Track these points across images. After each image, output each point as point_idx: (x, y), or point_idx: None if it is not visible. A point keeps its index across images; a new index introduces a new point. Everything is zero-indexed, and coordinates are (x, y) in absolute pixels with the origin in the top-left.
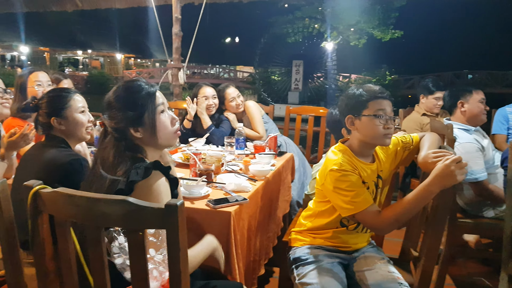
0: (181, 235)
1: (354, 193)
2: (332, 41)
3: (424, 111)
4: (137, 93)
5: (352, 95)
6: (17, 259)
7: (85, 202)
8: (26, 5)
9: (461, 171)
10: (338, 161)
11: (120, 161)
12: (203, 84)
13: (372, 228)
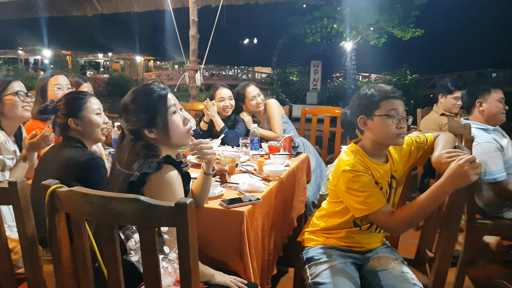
0: (191, 233)
1: (367, 194)
2: (351, 41)
3: (443, 111)
4: (149, 96)
5: (364, 96)
6: (36, 256)
7: (99, 200)
8: (48, 10)
9: (474, 171)
10: (350, 161)
11: (135, 160)
12: (219, 86)
13: (385, 229)
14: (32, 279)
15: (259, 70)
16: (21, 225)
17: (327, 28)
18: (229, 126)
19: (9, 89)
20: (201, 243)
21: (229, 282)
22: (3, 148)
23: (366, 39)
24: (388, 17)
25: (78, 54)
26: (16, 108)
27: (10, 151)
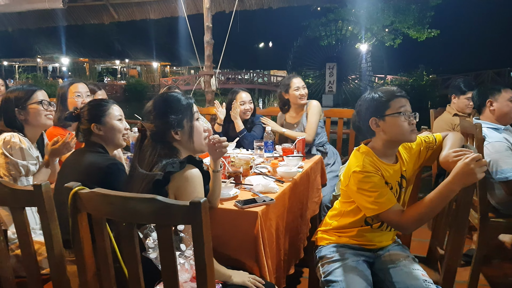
0: (205, 230)
1: (377, 194)
2: (367, 43)
3: (456, 111)
4: (179, 101)
5: (371, 99)
6: (60, 255)
7: (119, 201)
8: (66, 19)
9: (480, 169)
10: (360, 162)
11: (156, 161)
12: (239, 90)
13: (396, 227)
14: (56, 277)
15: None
16: (46, 226)
17: (342, 30)
18: (247, 129)
19: (34, 98)
20: (217, 243)
21: (248, 282)
22: (27, 154)
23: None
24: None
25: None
26: (39, 116)
27: (33, 157)
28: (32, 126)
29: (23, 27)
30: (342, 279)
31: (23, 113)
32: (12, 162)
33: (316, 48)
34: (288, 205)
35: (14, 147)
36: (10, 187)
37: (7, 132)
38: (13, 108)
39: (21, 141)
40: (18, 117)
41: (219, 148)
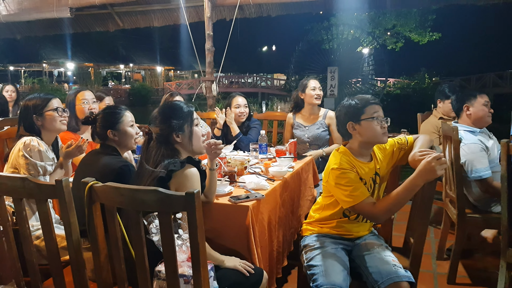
0: (198, 217)
1: (352, 188)
2: (369, 46)
3: (442, 115)
4: (181, 109)
5: (349, 105)
6: (77, 240)
7: (128, 192)
8: (72, 27)
9: (441, 166)
10: (338, 161)
11: (160, 160)
12: (236, 94)
13: (368, 217)
14: (74, 259)
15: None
16: (66, 215)
17: (344, 34)
18: (243, 133)
19: (50, 106)
20: (214, 234)
21: (238, 266)
22: (44, 156)
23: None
24: (405, 21)
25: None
26: (55, 122)
27: (50, 159)
28: (48, 130)
29: (31, 35)
30: (321, 263)
31: (40, 119)
32: (32, 163)
33: (317, 52)
34: (280, 201)
35: (33, 149)
36: (36, 182)
37: (27, 136)
38: (31, 115)
39: (39, 144)
40: (36, 123)
41: (215, 149)
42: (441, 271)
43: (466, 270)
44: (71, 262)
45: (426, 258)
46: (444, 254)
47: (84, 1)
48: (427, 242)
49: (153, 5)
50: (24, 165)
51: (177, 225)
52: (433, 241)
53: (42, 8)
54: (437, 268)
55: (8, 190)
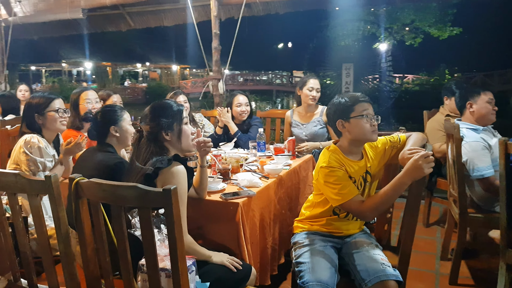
0: (175, 212)
1: (340, 186)
2: (386, 42)
3: (448, 112)
4: (171, 108)
5: (339, 103)
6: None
7: (110, 188)
8: (85, 27)
9: (428, 165)
10: (327, 159)
11: (149, 157)
12: (237, 92)
13: (356, 215)
14: (63, 252)
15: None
16: (55, 209)
17: (361, 30)
18: (244, 130)
19: (51, 106)
20: (205, 230)
21: (226, 262)
22: (44, 152)
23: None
24: (424, 16)
25: (117, 65)
26: (55, 122)
27: (50, 155)
28: (48, 129)
29: (47, 36)
30: (309, 260)
31: (41, 118)
32: (32, 159)
33: (332, 48)
34: (276, 198)
35: (33, 146)
36: (27, 178)
37: (28, 133)
38: (33, 113)
39: (39, 141)
40: (37, 121)
41: (204, 147)
42: (444, 272)
43: (470, 271)
44: (61, 255)
45: (430, 258)
46: (448, 254)
47: (96, 2)
48: (432, 242)
49: (163, 5)
50: (25, 161)
51: (159, 220)
52: (439, 241)
53: (56, 10)
54: (440, 268)
55: (2, 185)
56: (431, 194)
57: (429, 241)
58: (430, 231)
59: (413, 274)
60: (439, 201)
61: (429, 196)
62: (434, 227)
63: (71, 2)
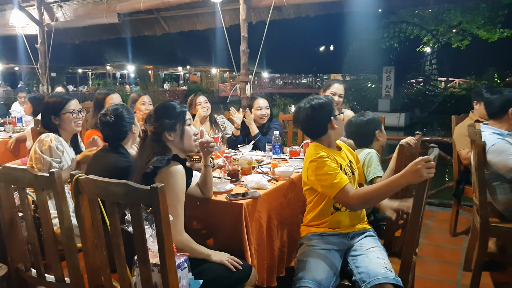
0: (162, 209)
1: (331, 176)
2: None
3: (478, 118)
4: (174, 109)
5: (324, 103)
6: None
7: (103, 184)
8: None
9: (427, 170)
10: (313, 152)
11: (152, 157)
12: (258, 96)
13: (344, 204)
14: (67, 244)
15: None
16: (58, 204)
17: (405, 32)
18: (264, 133)
19: (66, 108)
20: (210, 230)
21: (225, 261)
22: (54, 152)
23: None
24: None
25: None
26: (70, 123)
27: (59, 156)
28: (64, 130)
29: (87, 40)
30: (307, 259)
31: (57, 119)
32: (39, 157)
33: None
34: (285, 201)
35: (45, 144)
36: (33, 173)
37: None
38: (50, 115)
39: (51, 141)
40: (53, 122)
41: (207, 147)
42: (465, 283)
43: (493, 284)
44: (64, 248)
45: (453, 268)
46: (472, 265)
47: (130, 7)
48: (458, 252)
49: (196, 9)
50: (34, 159)
51: (151, 217)
52: (465, 251)
53: (94, 15)
54: (461, 279)
55: (12, 179)
56: (459, 202)
57: (454, 251)
58: (456, 241)
59: (432, 283)
60: (466, 209)
61: (456, 204)
62: (462, 237)
63: (108, 7)
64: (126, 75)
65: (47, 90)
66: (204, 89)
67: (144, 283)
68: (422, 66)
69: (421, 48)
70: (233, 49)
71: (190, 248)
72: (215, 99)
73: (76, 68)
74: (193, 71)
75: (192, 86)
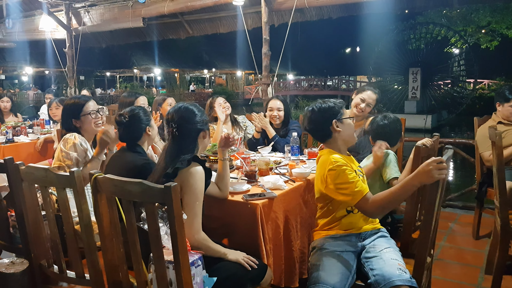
0: (175, 207)
1: (352, 184)
2: (459, 45)
3: (501, 119)
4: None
5: (328, 107)
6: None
7: (119, 183)
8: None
9: (439, 171)
10: (331, 160)
11: (178, 156)
12: (273, 97)
13: (364, 212)
14: (86, 241)
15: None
16: (78, 202)
17: (432, 33)
18: (282, 135)
19: (84, 110)
20: (226, 230)
21: (241, 260)
22: (78, 149)
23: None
24: (501, 18)
25: (185, 71)
26: (90, 124)
27: (83, 153)
28: (86, 131)
29: (114, 43)
30: (320, 263)
31: (78, 122)
32: (66, 154)
33: (398, 52)
34: (302, 202)
35: (69, 142)
36: (55, 172)
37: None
38: (70, 118)
39: (75, 138)
40: (74, 125)
41: (226, 141)
42: (486, 286)
43: None
44: (84, 244)
45: (474, 271)
46: (493, 268)
47: (155, 11)
48: (480, 255)
49: (219, 13)
50: (60, 157)
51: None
52: (487, 254)
53: (119, 19)
54: (482, 283)
55: (35, 178)
56: (482, 204)
57: (476, 254)
58: (479, 244)
59: (453, 286)
60: (489, 212)
61: (479, 207)
62: (485, 240)
63: (133, 11)
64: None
65: (75, 93)
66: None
67: (160, 280)
68: (450, 67)
69: (448, 49)
70: (255, 52)
71: (207, 246)
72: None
73: (104, 71)
74: (218, 73)
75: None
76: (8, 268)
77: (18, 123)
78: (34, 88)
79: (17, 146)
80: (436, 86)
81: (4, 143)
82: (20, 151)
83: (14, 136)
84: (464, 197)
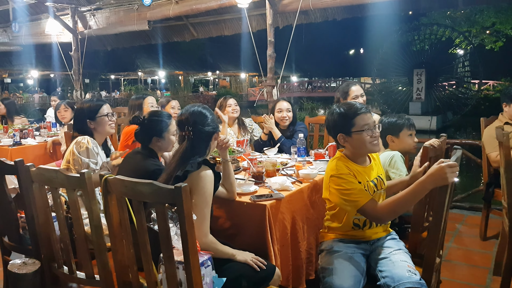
0: (186, 207)
1: (351, 193)
2: (464, 46)
3: (508, 120)
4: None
5: (338, 116)
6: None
7: (130, 184)
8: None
9: (452, 174)
10: (334, 167)
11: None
12: (280, 99)
13: (372, 219)
14: (96, 242)
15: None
16: (88, 203)
17: (437, 34)
18: (288, 136)
19: (101, 112)
20: (234, 230)
21: (249, 261)
22: (91, 153)
23: (480, 44)
24: (506, 18)
25: (189, 74)
26: (105, 126)
27: (95, 157)
28: (99, 133)
29: (119, 46)
30: (332, 267)
31: (93, 123)
32: (77, 159)
33: (403, 54)
34: (309, 203)
35: (82, 146)
36: (65, 174)
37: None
38: (85, 119)
39: (88, 142)
40: (89, 126)
41: (222, 144)
42: (495, 287)
43: None
44: (94, 245)
45: (483, 272)
46: (501, 269)
47: (160, 14)
48: (488, 256)
49: (223, 15)
50: (71, 161)
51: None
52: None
53: (125, 22)
54: (491, 284)
55: (45, 180)
56: (489, 205)
57: (484, 255)
58: (487, 245)
59: (461, 287)
60: (497, 213)
61: (486, 207)
62: (492, 241)
63: (139, 14)
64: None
65: (80, 95)
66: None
67: (170, 280)
68: (455, 69)
69: (453, 50)
70: (260, 54)
71: (215, 249)
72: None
73: (108, 74)
74: (222, 76)
75: (221, 90)
76: (21, 268)
77: (25, 125)
78: (40, 91)
79: (25, 148)
80: (440, 87)
81: (12, 145)
82: (28, 154)
83: (21, 139)
84: (471, 198)
